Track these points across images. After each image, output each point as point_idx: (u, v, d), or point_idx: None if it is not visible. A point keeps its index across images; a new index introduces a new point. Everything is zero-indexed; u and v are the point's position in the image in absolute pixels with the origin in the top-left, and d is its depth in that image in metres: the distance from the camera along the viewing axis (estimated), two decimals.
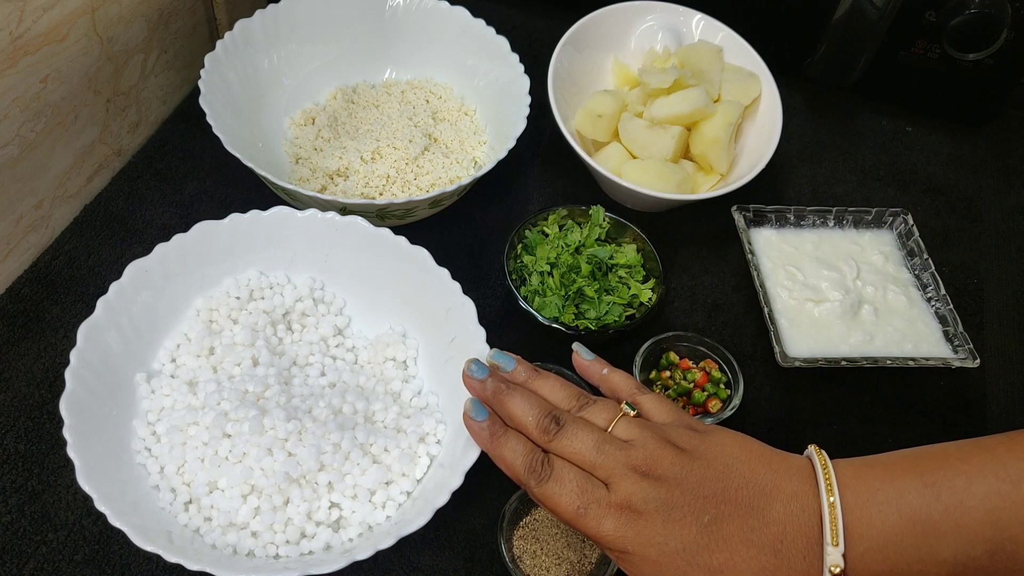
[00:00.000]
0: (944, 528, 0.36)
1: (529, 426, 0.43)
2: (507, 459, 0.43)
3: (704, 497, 0.40)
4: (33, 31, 0.54)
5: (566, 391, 0.46)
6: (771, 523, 0.39)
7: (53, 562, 0.49)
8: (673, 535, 0.39)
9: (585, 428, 0.43)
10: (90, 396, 0.48)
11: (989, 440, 0.39)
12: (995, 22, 0.69)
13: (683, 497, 0.40)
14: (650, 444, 0.42)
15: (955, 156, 0.80)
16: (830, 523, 0.37)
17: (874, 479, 0.39)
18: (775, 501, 0.39)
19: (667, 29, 0.75)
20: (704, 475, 0.41)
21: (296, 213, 0.56)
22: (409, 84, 0.75)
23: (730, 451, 0.42)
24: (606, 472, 0.41)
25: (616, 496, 0.41)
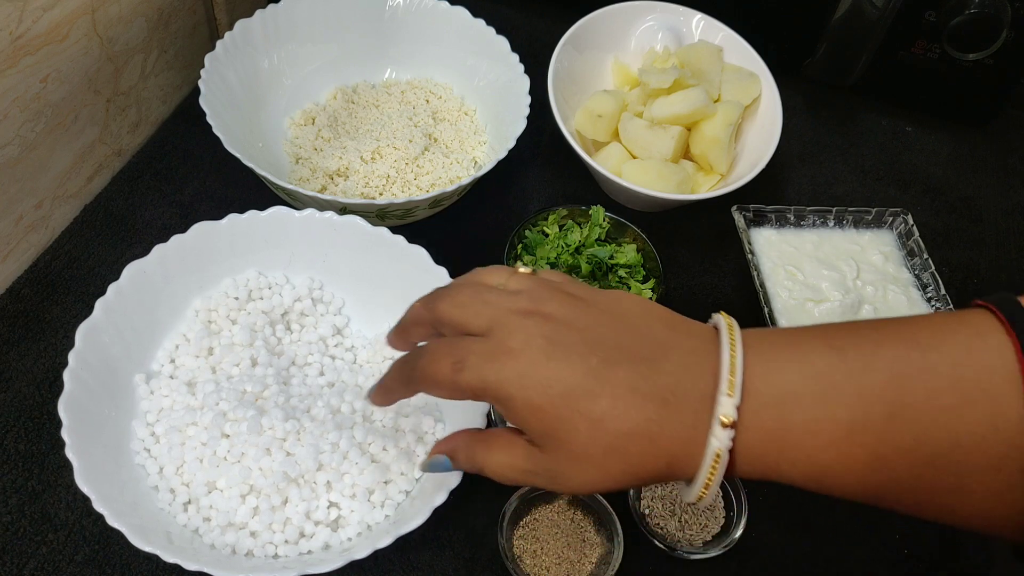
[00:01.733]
0: (845, 388, 0.34)
1: (415, 309, 0.41)
2: (406, 374, 0.40)
3: (593, 341, 0.36)
4: (33, 31, 0.54)
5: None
6: (664, 373, 0.36)
7: (53, 562, 0.49)
8: (557, 377, 0.35)
9: (465, 285, 0.40)
10: (89, 397, 0.48)
11: (901, 317, 0.37)
12: (995, 22, 0.69)
13: (570, 336, 0.36)
14: (539, 289, 0.39)
15: (955, 156, 0.80)
16: (728, 375, 0.35)
17: (780, 340, 0.37)
18: (672, 354, 0.36)
19: (667, 29, 0.75)
20: (596, 320, 0.37)
21: (294, 213, 0.57)
22: (409, 84, 0.75)
23: (628, 306, 0.39)
24: (487, 320, 0.38)
25: (495, 339, 0.37)
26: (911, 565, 0.55)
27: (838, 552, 0.55)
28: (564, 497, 0.53)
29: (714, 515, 0.54)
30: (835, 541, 0.55)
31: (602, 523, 0.52)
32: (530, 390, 0.35)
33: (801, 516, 0.56)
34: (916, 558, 0.55)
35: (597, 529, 0.52)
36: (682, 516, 0.54)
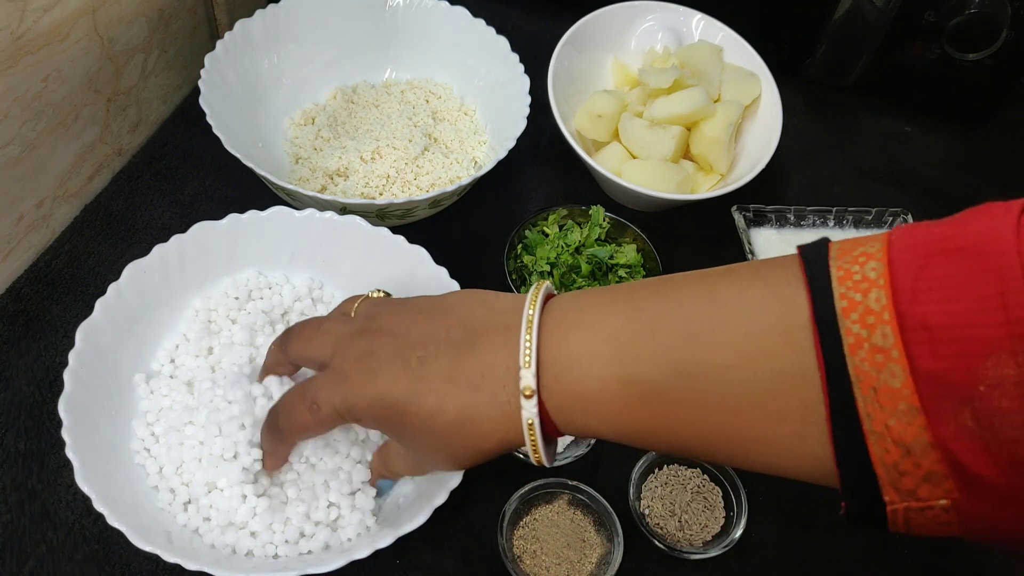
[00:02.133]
0: (638, 347, 0.35)
1: (272, 352, 0.48)
2: (276, 435, 0.45)
3: (413, 342, 0.39)
4: (34, 31, 0.54)
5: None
6: (476, 359, 0.38)
7: (53, 561, 0.49)
8: (385, 390, 0.38)
9: (310, 321, 0.44)
10: (89, 397, 0.48)
11: (712, 270, 0.37)
12: (995, 22, 0.69)
13: (393, 344, 0.39)
14: (372, 307, 0.42)
15: (954, 156, 0.80)
16: (524, 346, 0.36)
17: (584, 303, 0.38)
18: (485, 335, 0.38)
19: (667, 29, 0.75)
20: (415, 320, 0.40)
21: (294, 213, 0.57)
22: (409, 84, 0.75)
23: (453, 299, 0.41)
24: (330, 348, 0.41)
25: (333, 366, 0.40)
26: (911, 564, 0.55)
27: (837, 552, 0.55)
28: (564, 497, 0.53)
29: (714, 515, 0.54)
30: (834, 541, 0.55)
31: (602, 523, 0.52)
32: (370, 407, 0.39)
33: (801, 516, 0.56)
34: (916, 557, 0.55)
35: (597, 529, 0.52)
36: (682, 516, 0.54)
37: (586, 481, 0.53)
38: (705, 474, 0.56)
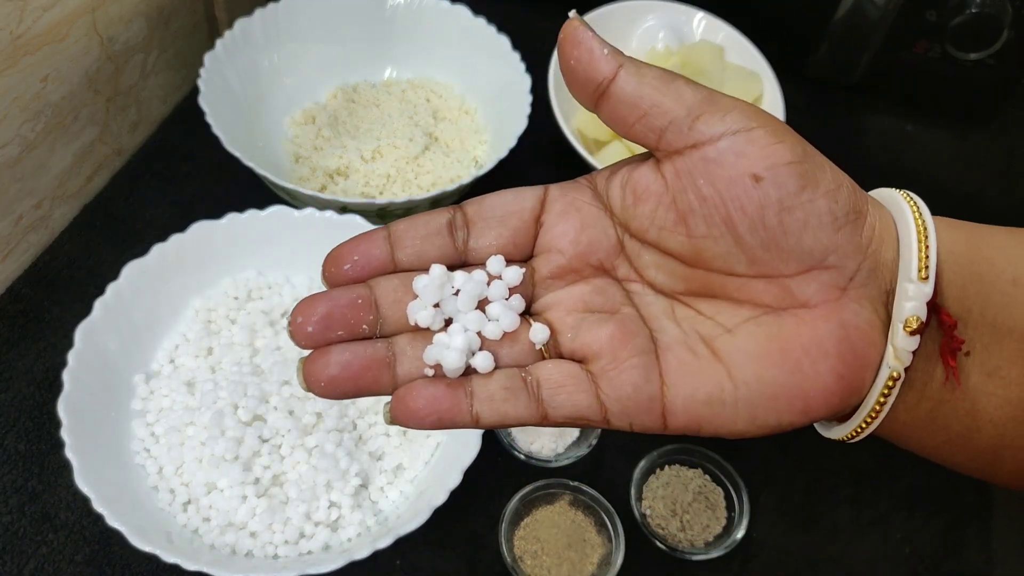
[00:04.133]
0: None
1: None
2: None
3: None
4: (33, 31, 0.54)
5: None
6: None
7: (53, 562, 0.49)
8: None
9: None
10: (88, 397, 0.48)
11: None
12: (996, 22, 0.69)
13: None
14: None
15: (957, 155, 0.79)
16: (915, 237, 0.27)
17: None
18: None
19: (668, 28, 0.75)
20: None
21: (294, 212, 0.56)
22: (410, 83, 0.75)
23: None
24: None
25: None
26: (913, 564, 0.55)
27: (839, 552, 0.55)
28: (565, 498, 0.53)
29: (715, 516, 0.54)
30: (836, 541, 0.55)
31: (603, 524, 0.52)
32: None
33: (802, 516, 0.56)
34: (917, 557, 0.55)
35: (598, 530, 0.52)
36: (683, 517, 0.54)
37: (587, 481, 0.53)
38: (707, 475, 0.56)
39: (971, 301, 0.27)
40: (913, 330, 0.26)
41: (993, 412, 0.27)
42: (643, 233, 0.28)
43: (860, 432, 0.28)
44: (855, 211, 0.26)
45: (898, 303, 0.26)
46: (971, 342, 0.27)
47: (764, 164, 0.25)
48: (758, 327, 0.27)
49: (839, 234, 0.26)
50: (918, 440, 0.28)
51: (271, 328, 0.56)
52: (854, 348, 0.26)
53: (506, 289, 0.28)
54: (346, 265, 0.28)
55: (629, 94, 0.27)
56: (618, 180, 0.29)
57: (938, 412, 0.27)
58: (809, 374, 0.26)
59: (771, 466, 0.58)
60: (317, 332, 0.26)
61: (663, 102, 0.26)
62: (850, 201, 0.26)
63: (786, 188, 0.25)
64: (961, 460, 0.29)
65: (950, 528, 0.56)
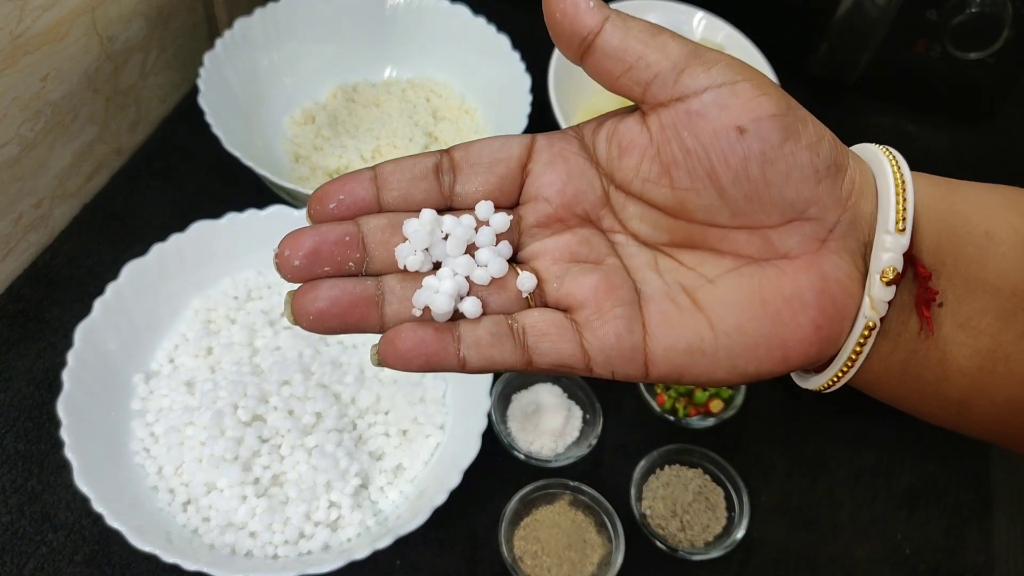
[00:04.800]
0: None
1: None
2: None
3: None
4: (33, 30, 0.54)
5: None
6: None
7: (53, 562, 0.49)
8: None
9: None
10: (88, 397, 0.48)
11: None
12: (996, 21, 0.69)
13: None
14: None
15: (957, 155, 0.79)
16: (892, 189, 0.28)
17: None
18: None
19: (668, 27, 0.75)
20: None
21: (293, 212, 0.56)
22: (409, 83, 0.75)
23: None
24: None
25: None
26: (913, 563, 0.55)
27: (839, 552, 0.55)
28: (565, 498, 0.53)
29: (715, 516, 0.54)
30: (836, 541, 0.55)
31: (603, 524, 0.52)
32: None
33: (802, 516, 0.56)
34: (917, 558, 0.55)
35: (598, 530, 0.52)
36: (683, 517, 0.54)
37: (587, 481, 0.53)
38: (707, 475, 0.56)
39: (945, 253, 0.27)
40: (890, 280, 0.26)
41: (963, 362, 0.27)
42: (627, 185, 0.28)
43: (836, 382, 0.28)
44: (836, 164, 0.27)
45: (875, 254, 0.27)
46: (944, 293, 0.27)
47: (748, 117, 0.26)
48: (739, 278, 0.27)
49: (820, 186, 0.26)
50: (891, 390, 0.29)
51: (271, 328, 0.56)
52: (833, 299, 0.27)
53: (494, 235, 0.28)
54: (331, 204, 0.28)
55: (615, 47, 0.27)
56: (604, 132, 0.29)
57: (910, 362, 0.28)
58: (789, 324, 0.27)
59: (771, 466, 0.58)
60: (304, 266, 0.27)
61: (648, 55, 0.27)
62: (831, 154, 0.27)
63: (769, 140, 0.26)
64: (931, 410, 0.29)
65: (950, 528, 0.56)
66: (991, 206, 0.28)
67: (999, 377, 0.27)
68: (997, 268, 0.27)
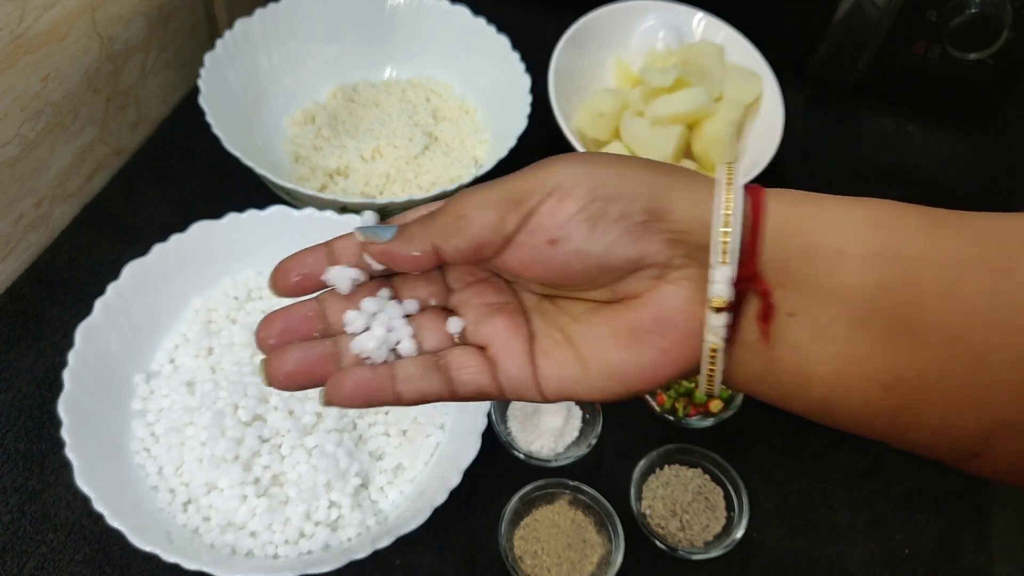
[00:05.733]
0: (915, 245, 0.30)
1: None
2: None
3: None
4: (33, 30, 0.54)
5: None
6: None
7: (53, 562, 0.49)
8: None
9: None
10: (88, 397, 0.48)
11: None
12: (996, 22, 0.69)
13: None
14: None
15: (957, 156, 0.79)
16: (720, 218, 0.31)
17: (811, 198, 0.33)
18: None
19: (668, 28, 0.75)
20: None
21: (293, 212, 0.56)
22: (409, 83, 0.75)
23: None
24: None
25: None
26: (911, 565, 0.55)
27: (839, 552, 0.55)
28: (565, 498, 0.53)
29: (715, 515, 0.54)
30: (836, 541, 0.55)
31: (603, 524, 0.52)
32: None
33: (802, 516, 0.56)
34: (916, 558, 0.55)
35: (598, 530, 0.52)
36: (683, 516, 0.54)
37: (587, 481, 0.53)
38: (706, 474, 0.56)
39: (795, 269, 0.30)
40: (719, 308, 0.30)
41: (819, 367, 0.30)
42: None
43: (711, 390, 0.32)
44: (653, 214, 0.30)
45: (709, 285, 0.30)
46: (797, 305, 0.30)
47: (554, 229, 0.30)
48: (596, 315, 0.33)
49: (641, 243, 0.30)
50: (759, 392, 0.32)
51: None
52: (674, 325, 0.31)
53: (416, 305, 0.34)
54: (294, 277, 0.34)
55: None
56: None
57: (770, 369, 0.31)
58: (636, 350, 0.31)
59: (771, 466, 0.58)
60: (277, 343, 0.33)
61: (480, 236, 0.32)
62: (647, 208, 0.30)
63: (577, 238, 0.30)
64: (801, 409, 0.32)
65: (949, 530, 0.56)
66: (849, 223, 0.30)
67: (854, 380, 0.30)
68: (845, 280, 0.29)
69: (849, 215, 0.31)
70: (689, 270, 0.31)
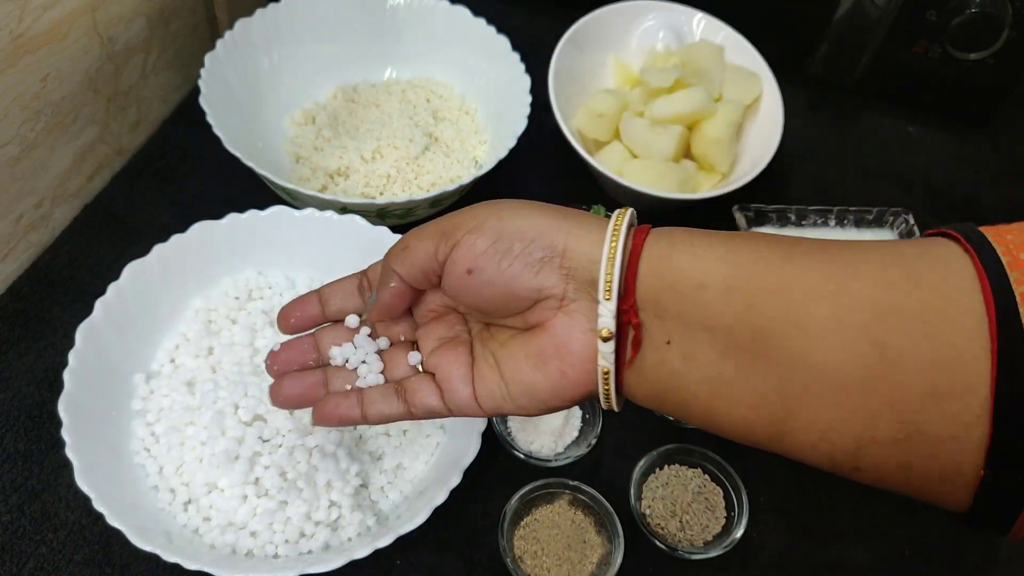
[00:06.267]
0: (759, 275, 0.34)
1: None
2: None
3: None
4: (33, 30, 0.54)
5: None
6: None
7: (53, 562, 0.49)
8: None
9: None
10: (89, 397, 0.48)
11: (870, 243, 0.34)
12: (996, 22, 0.69)
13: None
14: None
15: (958, 156, 0.79)
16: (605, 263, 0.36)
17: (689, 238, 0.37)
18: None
19: (668, 28, 0.75)
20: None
21: (294, 212, 0.56)
22: (410, 83, 0.75)
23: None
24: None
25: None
26: (912, 566, 0.55)
27: (839, 552, 0.55)
28: (565, 498, 0.53)
29: (715, 515, 0.54)
30: (836, 541, 0.55)
31: (602, 524, 0.52)
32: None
33: (802, 516, 0.56)
34: (917, 559, 0.55)
35: (597, 530, 0.52)
36: (683, 516, 0.54)
37: (587, 481, 0.53)
38: (706, 474, 0.56)
39: (665, 303, 0.34)
40: (605, 338, 0.35)
41: (695, 387, 0.35)
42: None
43: (613, 407, 0.37)
44: (550, 251, 0.36)
45: (598, 317, 0.35)
46: (670, 333, 0.35)
47: (470, 260, 0.37)
48: (515, 341, 0.39)
49: (539, 276, 0.36)
50: (656, 408, 0.37)
51: (271, 328, 0.56)
52: (571, 350, 0.36)
53: (387, 341, 0.43)
54: (292, 319, 0.43)
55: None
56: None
57: (656, 390, 0.36)
58: (544, 372, 0.37)
59: (771, 466, 0.57)
60: (281, 371, 0.42)
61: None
62: (544, 247, 0.36)
63: (488, 269, 0.37)
64: (692, 423, 0.37)
65: (951, 531, 0.56)
66: (709, 260, 0.34)
67: (724, 400, 0.34)
68: (707, 312, 0.34)
69: (714, 253, 0.34)
70: (582, 303, 0.36)
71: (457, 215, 0.38)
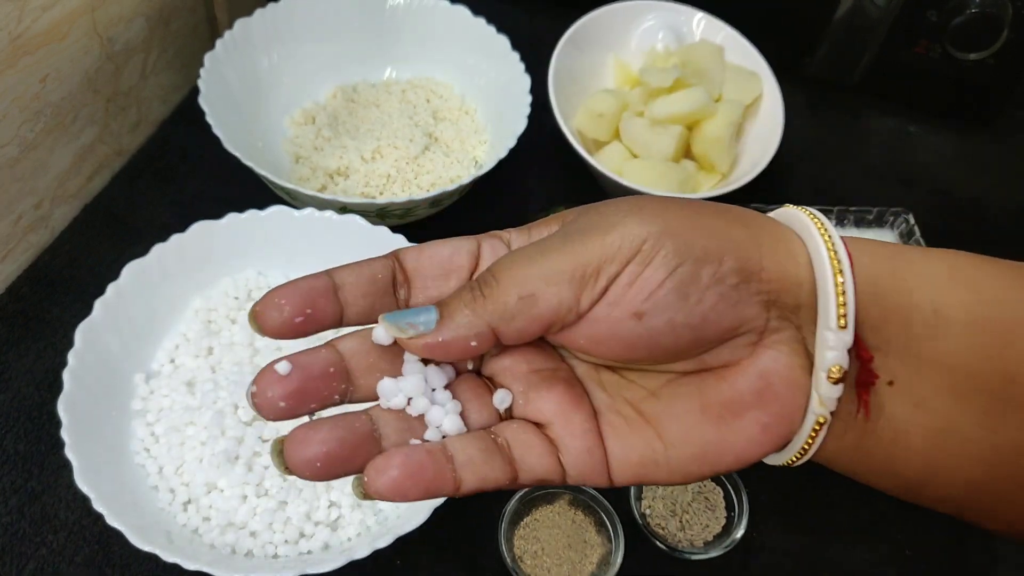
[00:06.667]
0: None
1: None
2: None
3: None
4: (33, 30, 0.54)
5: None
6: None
7: (53, 563, 0.49)
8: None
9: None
10: (88, 397, 0.48)
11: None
12: (996, 22, 0.69)
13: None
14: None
15: (959, 156, 0.79)
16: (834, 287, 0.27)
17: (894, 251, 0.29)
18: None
19: (668, 28, 0.75)
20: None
21: (294, 212, 0.56)
22: (409, 83, 0.75)
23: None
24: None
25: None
26: (913, 566, 0.55)
27: (839, 552, 0.55)
28: (565, 498, 0.53)
29: (715, 515, 0.54)
30: (836, 541, 0.55)
31: (603, 524, 0.52)
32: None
33: (802, 516, 0.56)
34: (918, 559, 0.55)
35: (598, 530, 0.52)
36: (683, 516, 0.54)
37: None
38: None
39: (891, 333, 0.27)
40: (836, 379, 0.26)
41: (917, 441, 0.27)
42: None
43: (793, 463, 0.29)
44: (744, 275, 0.26)
45: (819, 351, 0.26)
46: (895, 371, 0.27)
47: (639, 301, 0.26)
48: (680, 387, 0.28)
49: (738, 307, 0.26)
50: (845, 466, 0.29)
51: None
52: (777, 396, 0.27)
53: (453, 371, 0.29)
54: (298, 318, 0.26)
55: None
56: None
57: (864, 441, 0.28)
58: (733, 427, 0.27)
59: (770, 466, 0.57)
60: (289, 408, 0.25)
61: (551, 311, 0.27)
62: (738, 269, 0.26)
63: (669, 308, 0.26)
64: (888, 485, 0.29)
65: (952, 529, 0.56)
66: (938, 279, 0.27)
67: (956, 458, 0.27)
68: (948, 348, 0.26)
69: (936, 270, 0.27)
70: (785, 333, 0.27)
71: (594, 238, 0.26)
